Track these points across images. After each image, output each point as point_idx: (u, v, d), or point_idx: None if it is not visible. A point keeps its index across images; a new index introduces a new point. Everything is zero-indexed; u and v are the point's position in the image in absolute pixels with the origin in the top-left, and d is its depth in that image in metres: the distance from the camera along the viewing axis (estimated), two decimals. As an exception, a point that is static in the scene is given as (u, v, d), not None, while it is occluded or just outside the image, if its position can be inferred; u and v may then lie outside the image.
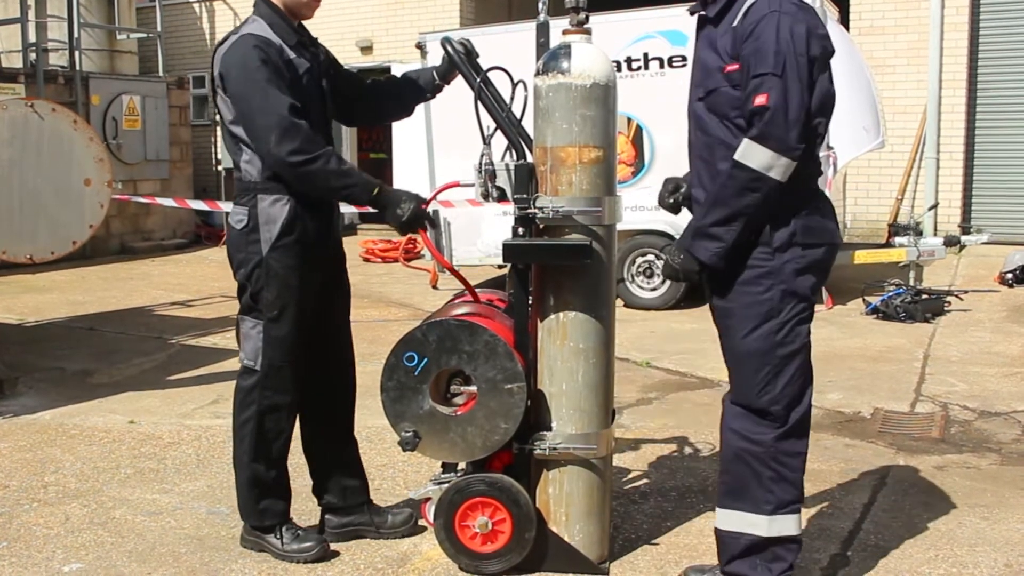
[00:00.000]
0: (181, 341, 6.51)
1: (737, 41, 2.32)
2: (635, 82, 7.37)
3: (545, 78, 2.63)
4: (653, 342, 6.24)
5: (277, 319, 2.78)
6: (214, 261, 11.19)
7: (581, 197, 2.61)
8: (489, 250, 7.61)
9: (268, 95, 2.64)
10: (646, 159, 7.46)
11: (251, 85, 2.64)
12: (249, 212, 2.76)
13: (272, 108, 2.63)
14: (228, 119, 2.76)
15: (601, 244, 2.65)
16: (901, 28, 10.32)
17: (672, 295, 7.52)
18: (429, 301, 7.94)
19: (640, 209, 7.46)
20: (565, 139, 2.60)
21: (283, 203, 2.75)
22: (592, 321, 2.67)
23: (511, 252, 2.64)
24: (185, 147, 12.85)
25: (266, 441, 2.85)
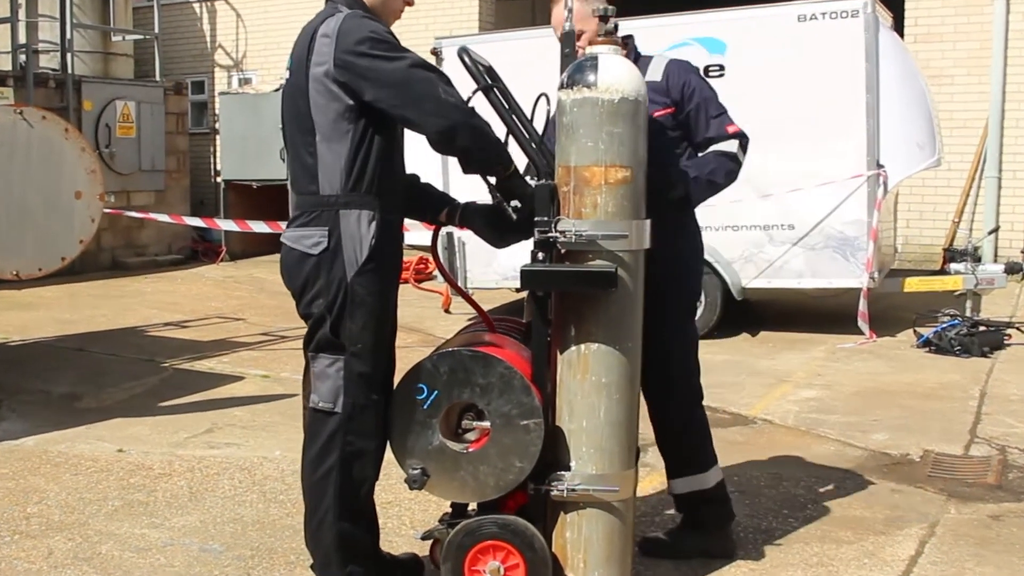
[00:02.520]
0: (175, 364, 6.59)
1: (668, 92, 3.22)
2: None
3: (570, 92, 2.67)
4: (684, 374, 6.24)
5: (362, 353, 2.70)
6: (211, 279, 11.31)
7: (607, 221, 2.65)
8: (506, 273, 7.67)
9: (412, 55, 2.62)
10: (679, 176, 7.50)
11: (393, 50, 2.60)
12: (330, 232, 2.66)
13: (424, 64, 2.62)
14: (322, 109, 2.64)
15: (627, 271, 2.68)
16: (961, 35, 10.31)
17: (705, 324, 7.52)
18: (441, 326, 7.99)
19: (671, 229, 7.51)
20: (590, 158, 2.65)
21: (370, 219, 2.68)
22: (616, 354, 2.69)
23: (530, 278, 2.68)
24: (182, 156, 13.02)
25: (352, 492, 2.74)
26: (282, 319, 8.34)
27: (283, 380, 6.16)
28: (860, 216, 7.13)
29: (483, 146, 2.66)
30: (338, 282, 2.68)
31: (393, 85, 2.58)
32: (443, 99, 2.57)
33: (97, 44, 12.97)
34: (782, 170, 7.21)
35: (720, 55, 7.35)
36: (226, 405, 5.50)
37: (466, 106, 2.62)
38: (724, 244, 7.45)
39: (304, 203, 2.74)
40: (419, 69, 2.60)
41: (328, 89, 2.64)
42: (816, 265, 7.29)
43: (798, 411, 5.39)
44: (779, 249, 7.35)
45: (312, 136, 2.69)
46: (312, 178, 2.71)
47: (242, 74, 14.94)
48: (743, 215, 7.37)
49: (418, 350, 6.85)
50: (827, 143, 7.15)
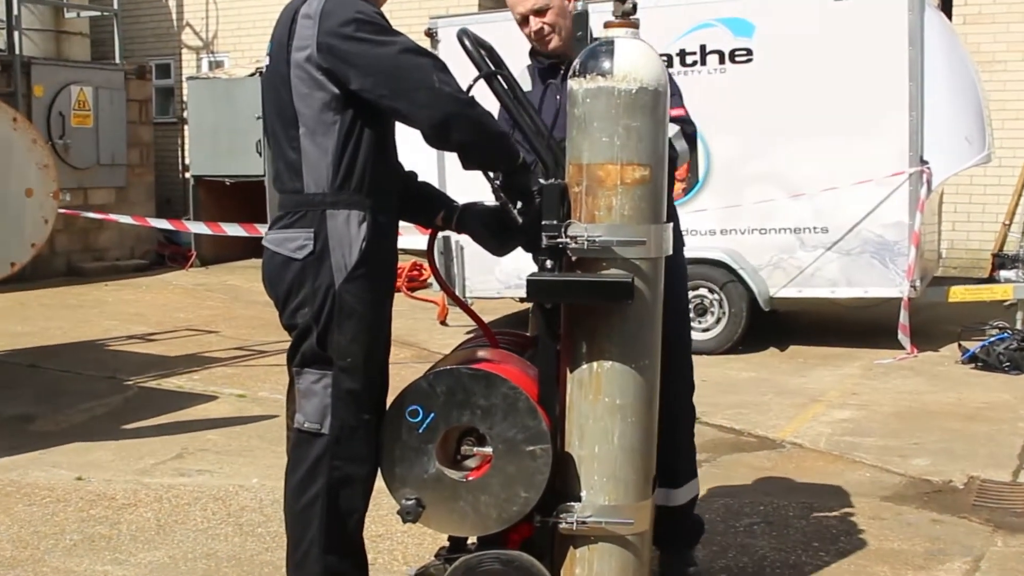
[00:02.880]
0: (140, 382, 6.61)
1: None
2: (689, 80, 7.44)
3: (582, 81, 2.68)
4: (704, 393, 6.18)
5: (351, 368, 2.71)
6: (180, 287, 11.33)
7: (623, 225, 2.65)
8: (509, 281, 7.73)
9: (403, 39, 2.63)
10: (701, 173, 7.54)
11: (383, 33, 2.61)
12: (316, 234, 2.67)
13: (416, 49, 2.62)
14: (306, 99, 2.65)
15: (645, 281, 2.69)
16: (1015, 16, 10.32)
17: (728, 337, 7.56)
18: (436, 340, 8.01)
19: (692, 234, 7.53)
20: (605, 155, 2.65)
21: (360, 220, 2.69)
22: (632, 373, 2.71)
23: (537, 288, 2.70)
24: (146, 149, 13.05)
25: (340, 524, 2.73)
26: (260, 331, 8.36)
27: (261, 400, 6.18)
28: (901, 218, 7.17)
29: (484, 140, 2.68)
30: (325, 289, 2.69)
31: (381, 72, 2.60)
32: (437, 88, 2.58)
33: (48, 21, 12.94)
34: (815, 167, 7.25)
35: (747, 38, 7.40)
36: (198, 428, 5.52)
37: (464, 96, 2.63)
38: (750, 249, 7.49)
39: (287, 202, 2.75)
40: (411, 55, 2.61)
41: (311, 76, 2.65)
42: (852, 272, 7.33)
43: (831, 434, 5.42)
44: (811, 254, 7.38)
45: (295, 128, 2.70)
46: (296, 175, 2.71)
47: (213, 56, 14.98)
48: (771, 217, 7.41)
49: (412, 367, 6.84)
50: (865, 137, 7.18)
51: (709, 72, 7.50)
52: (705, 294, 7.62)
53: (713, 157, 7.54)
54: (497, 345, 3.05)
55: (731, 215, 7.49)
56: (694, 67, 7.53)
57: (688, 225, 7.43)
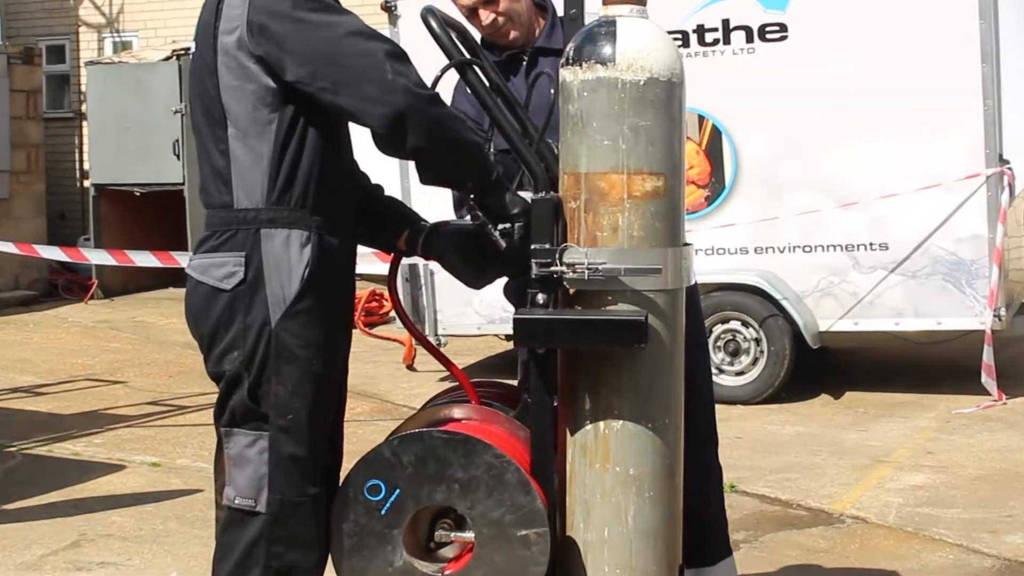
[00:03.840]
0: (25, 448, 6.55)
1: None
2: (710, 63, 7.50)
3: (578, 71, 2.68)
4: (740, 453, 6.26)
5: (293, 428, 2.71)
6: (77, 324, 11.28)
7: (632, 249, 2.65)
8: (492, 314, 7.70)
9: (351, 19, 2.64)
10: (727, 178, 7.57)
11: (325, 12, 2.62)
12: (247, 259, 2.69)
13: (367, 32, 2.64)
14: (236, 92, 2.67)
15: (662, 319, 2.69)
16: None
17: (768, 382, 7.56)
18: (402, 389, 7.98)
19: (719, 253, 7.53)
20: (608, 162, 2.66)
21: (303, 242, 2.71)
22: (648, 434, 2.69)
23: (526, 330, 2.68)
24: (34, 151, 13.05)
25: None
26: (179, 381, 8.30)
27: (181, 469, 6.13)
28: (978, 230, 7.20)
29: (446, 146, 2.67)
30: (259, 328, 2.69)
31: (321, 60, 2.60)
32: (390, 80, 2.58)
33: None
34: (869, 169, 7.28)
35: (780, 11, 7.45)
36: (100, 507, 5.46)
37: (425, 90, 2.63)
38: (793, 272, 7.51)
39: (215, 220, 2.75)
40: (359, 38, 2.62)
41: (241, 65, 2.66)
42: (920, 299, 7.34)
43: (902, 504, 5.41)
44: (868, 278, 7.40)
45: (223, 129, 2.71)
46: (224, 185, 2.72)
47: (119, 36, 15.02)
48: (818, 231, 7.43)
49: (372, 424, 6.83)
50: (931, 132, 7.22)
51: (734, 53, 7.54)
52: (738, 329, 7.62)
53: (742, 158, 7.57)
54: (479, 400, 3.04)
55: (767, 230, 7.51)
56: (715, 47, 7.56)
57: (713, 243, 7.47)
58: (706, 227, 7.46)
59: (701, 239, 7.33)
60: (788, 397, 7.59)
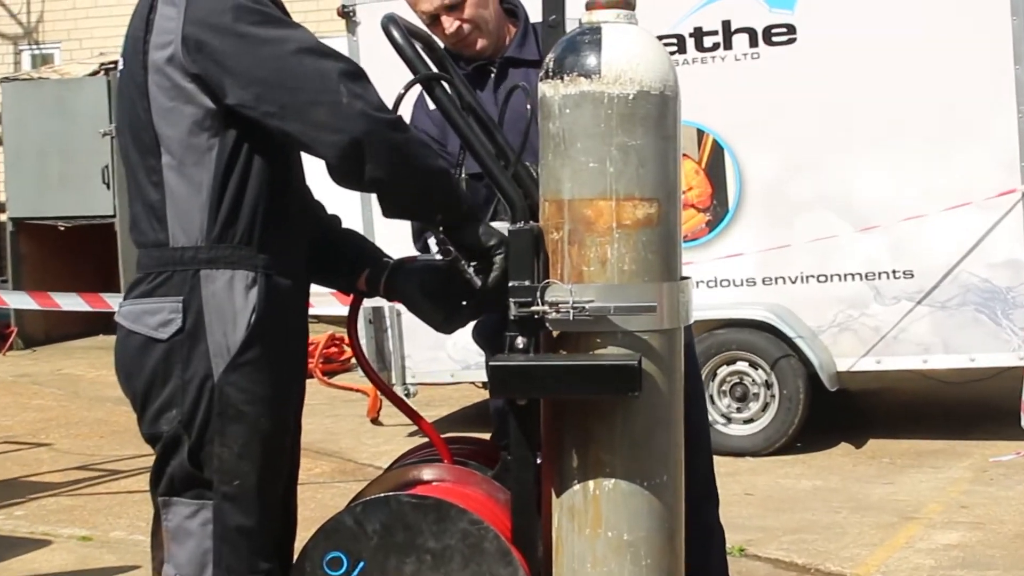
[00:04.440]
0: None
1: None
2: (709, 71, 7.54)
3: (559, 84, 2.69)
4: (751, 512, 6.25)
5: (240, 496, 2.71)
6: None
7: (623, 285, 2.65)
8: (467, 359, 7.69)
9: (301, 34, 2.63)
10: (731, 200, 7.60)
11: (272, 25, 2.61)
12: (185, 304, 2.70)
13: (319, 49, 2.62)
14: (170, 116, 2.66)
15: (658, 362, 2.69)
16: None
17: (780, 430, 7.56)
18: (366, 447, 7.96)
19: (723, 285, 7.54)
20: (594, 187, 2.66)
21: (248, 283, 2.71)
22: (644, 494, 2.69)
23: (505, 378, 2.67)
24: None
25: None
26: (111, 442, 8.25)
27: (115, 543, 6.10)
28: (1015, 254, 7.23)
29: (410, 178, 2.67)
30: (200, 382, 2.69)
31: (265, 81, 2.60)
32: (345, 104, 2.58)
33: None
34: (890, 187, 7.32)
35: (787, 11, 7.49)
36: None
37: (385, 114, 2.64)
38: (806, 304, 7.53)
39: (148, 260, 2.75)
40: (309, 56, 2.61)
41: (175, 84, 2.66)
42: (950, 333, 7.36)
43: (934, 566, 5.40)
44: (891, 310, 7.42)
45: (156, 157, 2.71)
46: (158, 222, 2.72)
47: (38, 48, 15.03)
48: (834, 259, 7.46)
49: (332, 488, 6.79)
50: (959, 144, 7.26)
51: (736, 59, 7.58)
52: (745, 371, 7.64)
53: (746, 178, 7.60)
54: (452, 458, 3.03)
55: (777, 259, 7.53)
56: (715, 52, 7.61)
57: (717, 274, 7.48)
58: (708, 256, 7.48)
59: (702, 270, 7.36)
60: (804, 447, 7.59)
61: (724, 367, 7.63)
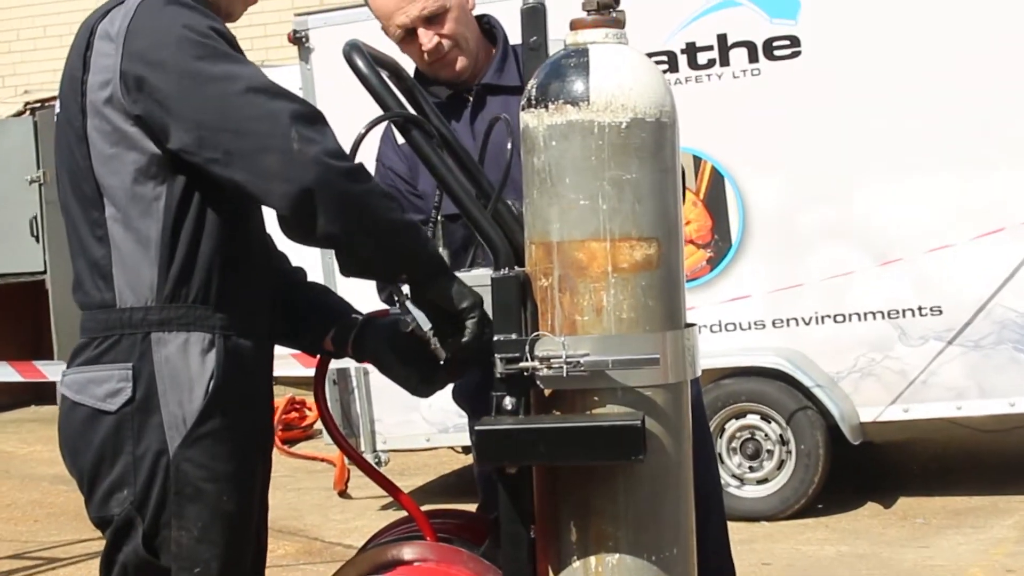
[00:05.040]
0: None
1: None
2: (705, 91, 7.57)
3: (543, 114, 2.69)
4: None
5: None
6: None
7: (621, 335, 2.65)
8: (444, 422, 7.69)
9: (250, 72, 2.63)
10: (733, 233, 7.62)
11: (217, 61, 2.61)
12: (135, 371, 2.70)
13: (270, 88, 2.61)
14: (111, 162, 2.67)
15: (663, 421, 2.69)
16: None
17: (799, 490, 7.55)
18: (335, 524, 7.94)
19: (728, 329, 7.54)
20: (586, 227, 2.66)
21: (205, 347, 2.73)
22: (652, 570, 2.68)
23: (493, 444, 2.66)
24: None
25: None
26: (49, 525, 8.22)
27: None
28: (1054, 287, 7.25)
29: (369, 231, 2.66)
30: (154, 459, 2.69)
31: (209, 124, 2.60)
32: (296, 151, 2.56)
33: None
34: (913, 215, 7.34)
35: (789, 21, 7.54)
36: None
37: (342, 161, 2.61)
38: (823, 349, 7.54)
39: (93, 323, 2.76)
40: (259, 96, 2.61)
41: (116, 128, 2.68)
42: (986, 375, 7.37)
43: (978, 639, 5.40)
44: (919, 351, 7.43)
45: (99, 210, 2.73)
46: (103, 280, 2.74)
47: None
48: (851, 296, 7.48)
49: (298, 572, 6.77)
50: (987, 164, 7.29)
51: (735, 76, 7.62)
52: (757, 425, 7.63)
53: (750, 208, 7.62)
54: (434, 535, 3.03)
55: (788, 298, 7.55)
56: (710, 69, 7.64)
57: (722, 318, 7.48)
58: (711, 298, 7.50)
59: (705, 313, 7.37)
60: (826, 508, 7.59)
61: (733, 421, 7.63)
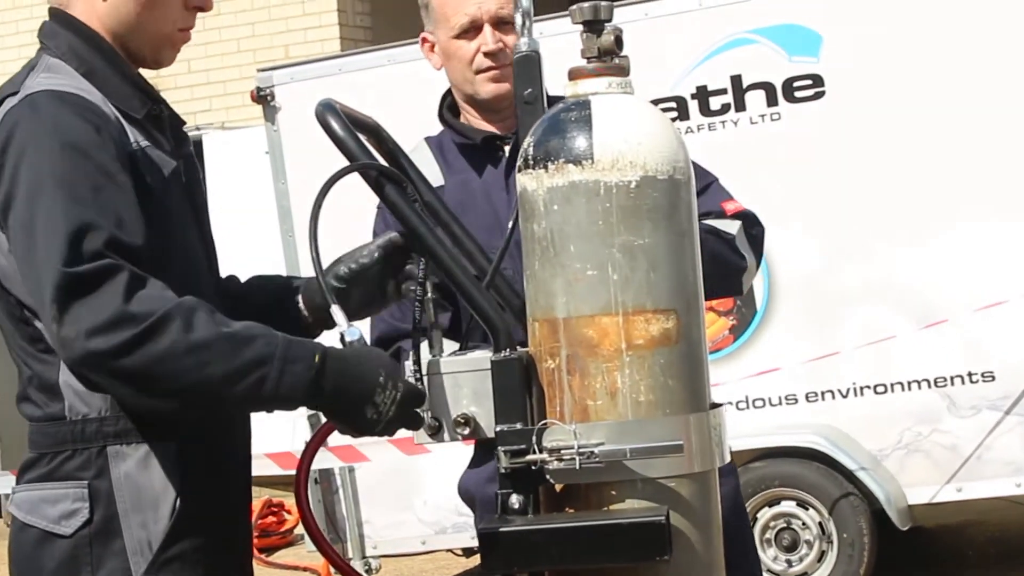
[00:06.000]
0: None
1: None
2: (719, 139, 7.60)
3: (542, 175, 2.68)
4: None
5: None
6: None
7: (639, 420, 2.65)
8: (441, 521, 7.62)
9: (60, 207, 2.59)
10: (758, 298, 7.63)
11: (48, 183, 2.60)
12: (91, 490, 2.71)
13: (70, 235, 2.55)
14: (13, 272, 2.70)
15: (690, 516, 2.68)
16: None
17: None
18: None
19: (756, 406, 7.53)
20: (595, 300, 2.65)
21: (169, 458, 2.74)
22: None
23: (500, 548, 2.63)
24: None
25: None
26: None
27: None
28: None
29: (168, 395, 2.57)
30: None
31: (17, 257, 2.65)
32: (55, 332, 2.52)
33: None
34: (958, 270, 7.35)
35: (811, 58, 7.58)
36: None
37: (111, 335, 2.49)
38: (863, 424, 7.53)
39: (41, 437, 2.77)
40: (49, 239, 2.56)
41: None
42: (1049, 448, 7.36)
43: None
44: (971, 423, 7.42)
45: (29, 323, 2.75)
46: (49, 392, 2.75)
47: None
48: (894, 364, 7.49)
49: None
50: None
51: (752, 121, 7.66)
52: (793, 512, 7.61)
53: (775, 270, 7.62)
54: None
55: (823, 369, 7.54)
56: (724, 115, 7.69)
57: (749, 393, 7.46)
58: (735, 372, 7.50)
59: (729, 389, 7.36)
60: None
61: (766, 509, 7.61)
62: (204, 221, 3.01)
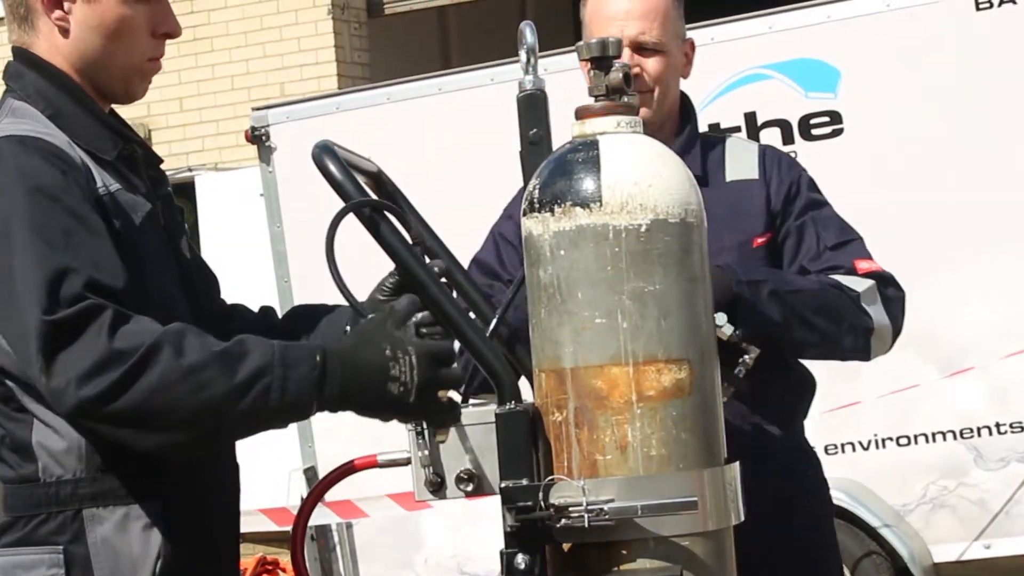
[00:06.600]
0: None
1: (768, 201, 3.88)
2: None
3: (548, 219, 2.69)
4: None
5: None
6: None
7: (650, 476, 2.65)
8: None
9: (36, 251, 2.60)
10: (777, 348, 7.58)
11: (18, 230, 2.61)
12: (67, 555, 2.71)
13: (48, 278, 2.56)
14: None
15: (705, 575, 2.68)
16: None
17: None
18: None
19: (775, 460, 7.53)
20: (604, 349, 2.66)
21: (148, 520, 2.74)
22: None
23: (504, 612, 2.65)
24: None
25: None
26: None
27: None
28: None
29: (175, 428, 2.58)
30: None
31: None
32: (44, 384, 2.53)
33: None
34: (985, 315, 7.34)
35: (828, 94, 7.59)
36: None
37: (99, 379, 2.50)
38: (885, 478, 7.51)
39: (16, 500, 2.77)
40: (29, 289, 2.57)
41: None
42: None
43: None
44: (999, 476, 7.41)
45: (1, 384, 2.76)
46: (23, 453, 2.76)
47: None
48: (919, 414, 7.46)
49: None
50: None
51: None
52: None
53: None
54: None
55: (842, 419, 7.51)
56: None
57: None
58: (752, 426, 7.47)
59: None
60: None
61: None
62: (184, 262, 3.00)
